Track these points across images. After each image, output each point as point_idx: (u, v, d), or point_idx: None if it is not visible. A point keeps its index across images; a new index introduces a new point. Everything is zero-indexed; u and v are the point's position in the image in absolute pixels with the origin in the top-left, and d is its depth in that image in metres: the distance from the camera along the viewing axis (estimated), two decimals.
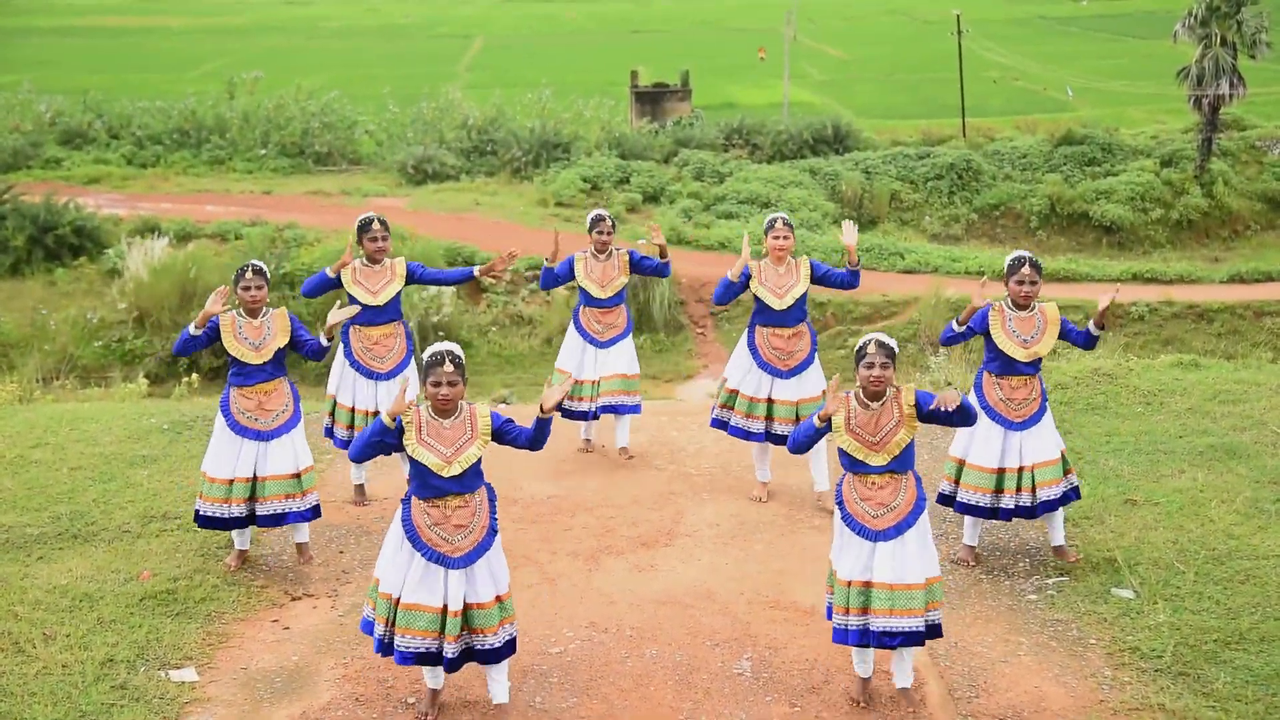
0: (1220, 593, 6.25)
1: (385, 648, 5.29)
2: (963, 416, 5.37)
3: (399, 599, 5.21)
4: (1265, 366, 10.26)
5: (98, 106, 36.89)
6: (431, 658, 5.23)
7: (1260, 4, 31.60)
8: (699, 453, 8.69)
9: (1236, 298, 23.95)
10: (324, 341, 6.70)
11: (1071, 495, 6.74)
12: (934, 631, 5.39)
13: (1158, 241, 29.75)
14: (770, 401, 7.47)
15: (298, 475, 6.72)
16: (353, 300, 7.41)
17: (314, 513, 6.84)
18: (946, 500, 6.78)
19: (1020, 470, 6.56)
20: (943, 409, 5.25)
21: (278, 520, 6.72)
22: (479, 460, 5.20)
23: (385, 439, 5.15)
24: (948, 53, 40.41)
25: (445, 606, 5.18)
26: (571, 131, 34.51)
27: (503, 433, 5.25)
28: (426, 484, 5.15)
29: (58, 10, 75.94)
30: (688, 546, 7.14)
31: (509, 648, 5.34)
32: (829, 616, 5.49)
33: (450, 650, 5.18)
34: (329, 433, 7.74)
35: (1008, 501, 6.58)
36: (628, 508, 7.67)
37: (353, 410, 7.54)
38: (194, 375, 14.83)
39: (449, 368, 5.07)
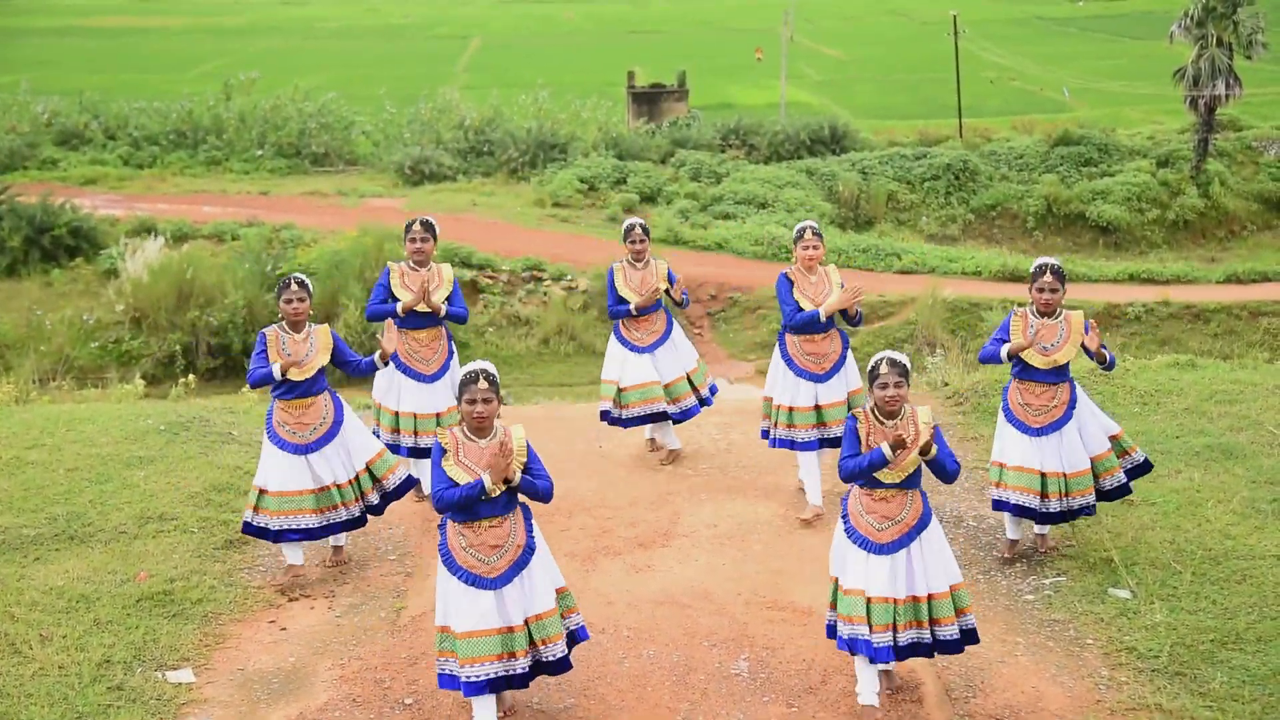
0: (1217, 593, 6.25)
1: (451, 680, 5.22)
2: (938, 468, 5.30)
3: (456, 630, 5.14)
4: (1261, 367, 10.27)
5: (94, 107, 36.85)
6: (500, 683, 5.15)
7: (1256, 4, 31.64)
8: (696, 454, 8.69)
9: (1233, 298, 23.97)
10: (378, 363, 6.75)
11: (1129, 483, 6.81)
12: (970, 637, 5.38)
13: (1154, 242, 29.79)
14: (819, 408, 7.41)
15: (367, 471, 6.76)
16: (399, 303, 7.42)
17: (399, 491, 6.91)
18: (1002, 505, 6.75)
19: (1061, 476, 6.58)
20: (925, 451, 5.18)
21: (358, 522, 6.78)
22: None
23: (477, 502, 5.11)
24: (945, 53, 40.46)
25: (501, 627, 5.13)
26: (569, 132, 34.53)
27: (529, 469, 5.22)
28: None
29: (55, 10, 75.84)
30: (685, 547, 7.14)
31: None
32: (830, 635, 5.48)
33: (520, 666, 5.16)
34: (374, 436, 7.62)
35: (1053, 505, 6.59)
36: (625, 509, 7.67)
37: (396, 414, 7.51)
38: (191, 376, 14.79)
39: (483, 385, 5.08)
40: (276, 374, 6.49)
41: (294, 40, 64.15)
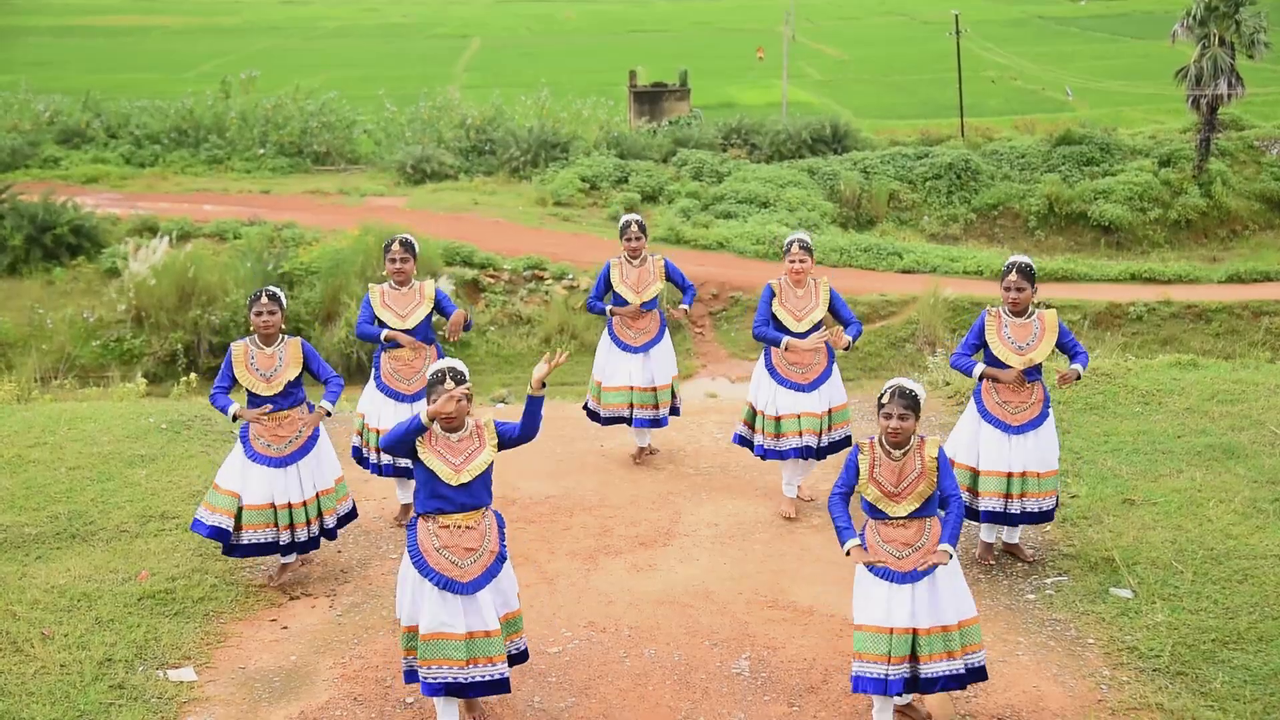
0: (1218, 592, 6.25)
1: (413, 675, 5.23)
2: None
3: (420, 631, 5.12)
4: (1263, 366, 10.27)
5: (96, 106, 36.87)
6: (459, 689, 5.11)
7: (1258, 4, 31.62)
8: (697, 453, 8.69)
9: (1234, 297, 23.97)
10: (307, 404, 6.65)
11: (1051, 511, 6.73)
12: (976, 674, 5.19)
13: (1156, 241, 29.77)
14: (799, 416, 7.35)
15: (331, 491, 6.70)
16: (381, 325, 7.27)
17: (347, 518, 6.86)
18: (971, 514, 6.69)
19: (1023, 475, 6.52)
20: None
21: (315, 543, 6.70)
22: (488, 471, 5.17)
23: (417, 439, 5.12)
24: (946, 53, 40.46)
25: (470, 631, 5.11)
26: (570, 131, 34.52)
27: (501, 435, 5.25)
28: (435, 493, 5.11)
29: (56, 10, 75.87)
30: (686, 546, 7.14)
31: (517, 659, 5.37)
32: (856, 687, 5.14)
33: (488, 674, 5.12)
34: (357, 454, 7.49)
35: (1014, 507, 6.55)
36: (626, 508, 7.67)
37: (379, 433, 7.32)
38: (192, 375, 14.81)
39: (450, 385, 5.08)
40: (230, 415, 6.49)
41: (294, 40, 64.17)
